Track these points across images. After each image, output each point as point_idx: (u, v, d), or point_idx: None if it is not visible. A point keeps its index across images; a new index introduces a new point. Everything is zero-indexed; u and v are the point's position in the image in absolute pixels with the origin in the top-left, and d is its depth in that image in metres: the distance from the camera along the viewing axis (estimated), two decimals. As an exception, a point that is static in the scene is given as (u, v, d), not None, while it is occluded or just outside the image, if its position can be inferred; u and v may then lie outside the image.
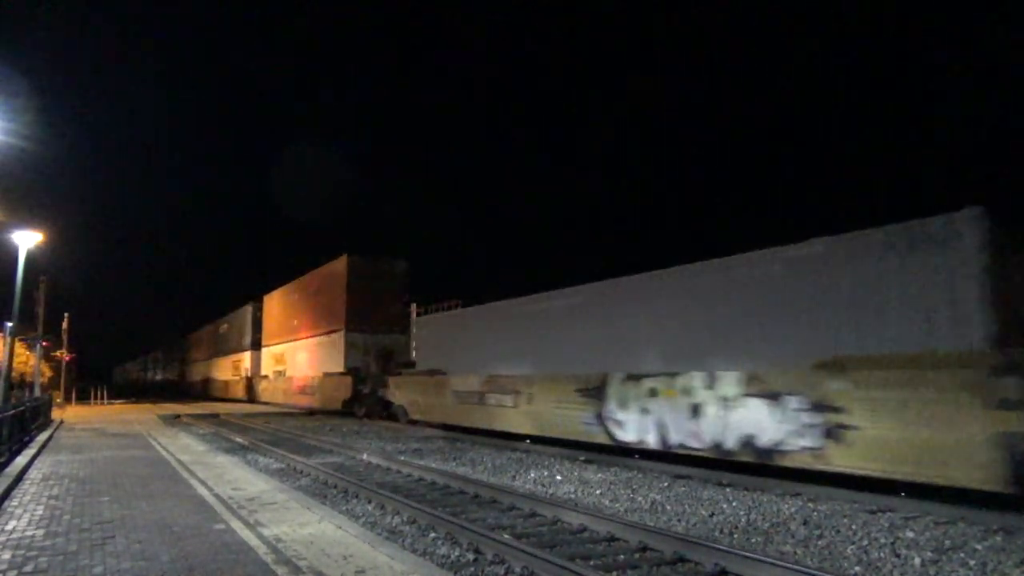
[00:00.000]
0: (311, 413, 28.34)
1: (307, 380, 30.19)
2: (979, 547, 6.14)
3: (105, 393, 42.93)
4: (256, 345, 40.94)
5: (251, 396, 39.75)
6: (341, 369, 26.10)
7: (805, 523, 7.15)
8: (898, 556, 5.94)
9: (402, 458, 12.53)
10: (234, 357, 45.88)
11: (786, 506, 8.01)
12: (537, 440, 14.48)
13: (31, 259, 20.87)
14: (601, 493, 9.06)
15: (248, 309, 42.92)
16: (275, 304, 38.66)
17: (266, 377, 37.83)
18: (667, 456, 11.10)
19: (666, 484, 9.58)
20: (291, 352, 33.91)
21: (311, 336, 30.91)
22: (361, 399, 24.20)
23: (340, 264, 27.82)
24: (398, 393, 21.31)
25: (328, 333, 28.53)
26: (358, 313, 26.57)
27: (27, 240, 20.31)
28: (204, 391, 54.17)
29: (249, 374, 41.19)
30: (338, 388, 25.87)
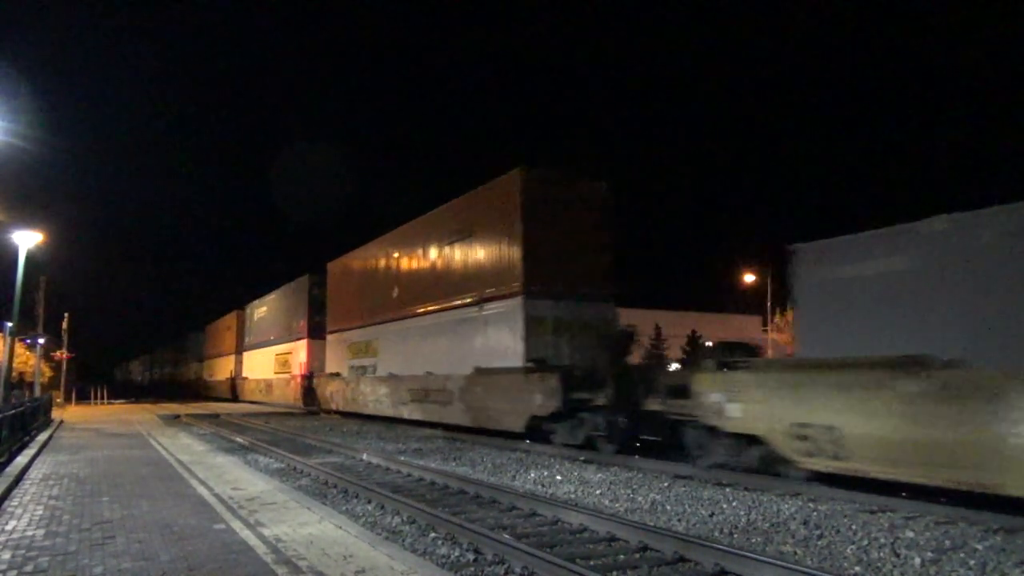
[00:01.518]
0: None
1: (433, 381, 18.16)
2: (979, 547, 6.14)
3: (105, 393, 42.97)
4: (316, 332, 29.62)
5: (310, 400, 28.79)
6: (518, 361, 14.74)
7: (805, 523, 7.15)
8: (898, 556, 5.93)
9: (402, 458, 12.54)
10: (279, 349, 34.32)
11: (786, 506, 8.01)
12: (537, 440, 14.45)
13: (31, 259, 20.92)
14: (601, 493, 9.06)
15: (302, 284, 31.60)
16: (352, 273, 26.05)
17: (337, 376, 25.81)
18: (666, 456, 11.08)
19: (666, 484, 9.58)
20: (389, 338, 21.84)
21: (439, 309, 18.65)
22: (581, 416, 13.07)
23: (509, 185, 15.85)
24: (748, 409, 9.76)
25: (479, 303, 16.62)
26: (544, 266, 15.08)
27: (27, 240, 20.34)
28: (232, 393, 43.81)
29: (305, 371, 30.02)
30: (515, 394, 14.52)
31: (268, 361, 36.38)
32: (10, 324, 20.70)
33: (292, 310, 33.08)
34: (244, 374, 42.12)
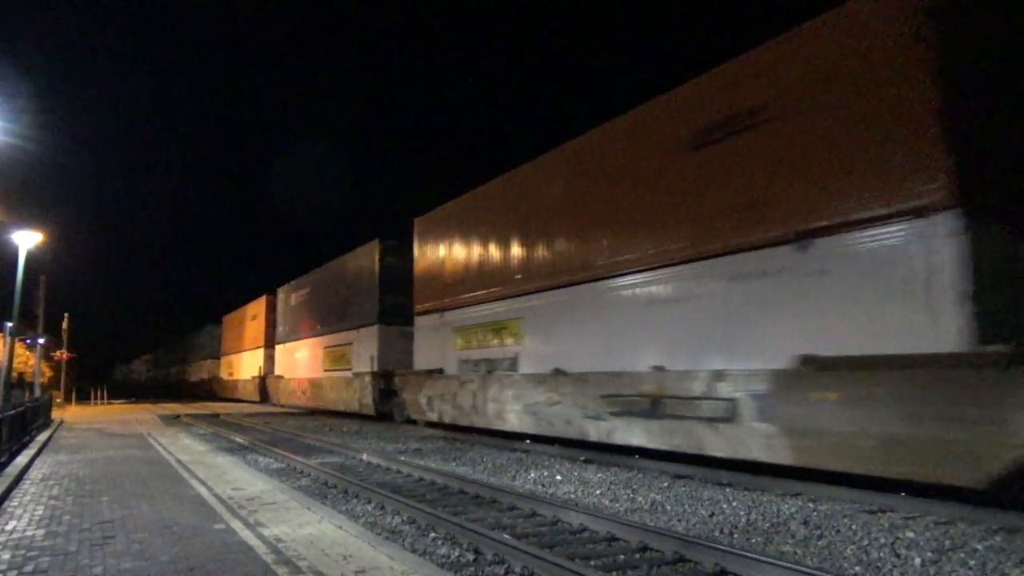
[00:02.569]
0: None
1: (675, 383, 10.38)
2: (979, 547, 6.14)
3: (105, 393, 43.03)
4: (391, 315, 21.97)
5: (385, 405, 21.29)
6: (945, 341, 7.28)
7: (805, 523, 7.15)
8: (898, 556, 5.94)
9: (402, 458, 12.54)
10: (331, 340, 26.44)
11: (786, 506, 8.01)
12: (537, 440, 14.47)
13: (31, 259, 20.92)
14: (601, 493, 9.06)
15: (368, 254, 23.47)
16: (461, 226, 17.85)
17: (439, 374, 17.77)
18: (666, 456, 11.06)
19: (666, 484, 9.58)
20: (547, 316, 13.93)
21: (681, 260, 10.80)
22: None
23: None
24: None
25: (801, 239, 8.95)
26: (989, 156, 7.58)
27: (27, 240, 20.35)
28: (261, 394, 36.14)
29: (376, 368, 21.77)
30: (963, 409, 6.84)
31: (314, 355, 28.45)
32: (10, 324, 20.71)
33: (352, 289, 24.87)
34: (278, 372, 33.78)
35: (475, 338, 16.64)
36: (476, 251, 17.05)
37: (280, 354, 34.11)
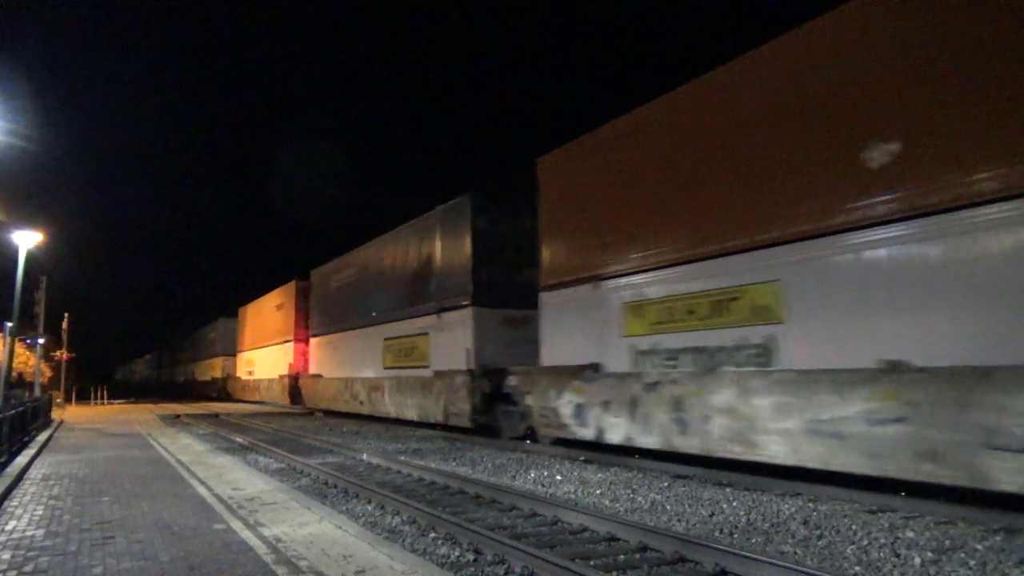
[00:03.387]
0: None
1: None
2: (979, 547, 6.14)
3: (105, 393, 43.08)
4: (488, 295, 16.40)
5: (486, 414, 15.81)
6: None
7: (805, 523, 7.15)
8: (898, 556, 5.93)
9: (402, 458, 12.54)
10: (393, 330, 20.61)
11: (786, 506, 8.01)
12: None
13: (31, 259, 20.96)
14: (601, 493, 9.06)
15: (457, 215, 17.32)
16: (650, 148, 11.45)
17: (591, 373, 12.11)
18: (666, 456, 11.06)
19: (666, 484, 9.58)
20: (880, 261, 7.83)
21: None
22: None
23: None
24: None
25: None
26: None
27: (27, 240, 20.38)
28: (291, 397, 30.16)
29: (473, 365, 16.05)
30: None
31: (369, 349, 22.54)
32: (10, 324, 20.74)
33: (429, 263, 18.86)
34: (315, 370, 28.03)
35: (669, 316, 10.91)
36: (672, 184, 11.11)
37: (317, 349, 28.12)
